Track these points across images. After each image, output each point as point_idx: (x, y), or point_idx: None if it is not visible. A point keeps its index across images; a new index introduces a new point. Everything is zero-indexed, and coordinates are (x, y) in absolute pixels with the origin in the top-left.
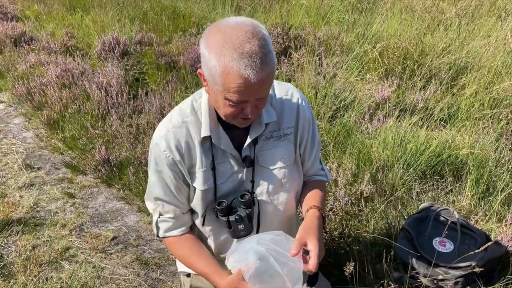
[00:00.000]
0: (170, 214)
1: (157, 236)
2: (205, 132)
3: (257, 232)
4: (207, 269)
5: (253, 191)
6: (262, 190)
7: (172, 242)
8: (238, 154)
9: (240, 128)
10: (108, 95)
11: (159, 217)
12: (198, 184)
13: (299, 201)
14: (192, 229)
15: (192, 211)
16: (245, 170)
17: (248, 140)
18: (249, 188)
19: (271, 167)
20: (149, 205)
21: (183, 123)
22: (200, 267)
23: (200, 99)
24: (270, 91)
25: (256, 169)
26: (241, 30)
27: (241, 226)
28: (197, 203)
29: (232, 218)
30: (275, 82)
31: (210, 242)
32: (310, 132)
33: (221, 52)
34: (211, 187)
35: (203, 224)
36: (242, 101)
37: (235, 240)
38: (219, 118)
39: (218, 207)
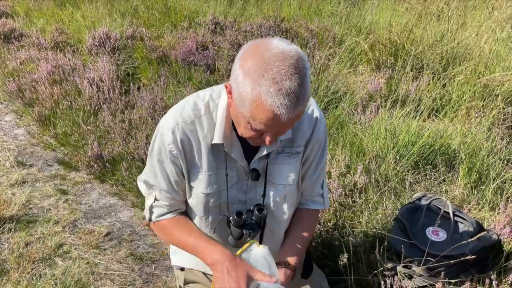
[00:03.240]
0: (165, 201)
1: (149, 220)
2: (217, 139)
3: (260, 243)
4: (200, 242)
5: (264, 204)
6: (268, 204)
7: (163, 225)
8: (247, 165)
9: None
10: (99, 90)
11: (154, 202)
12: (201, 186)
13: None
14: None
15: (187, 204)
16: (249, 181)
17: (261, 154)
18: (254, 199)
19: (278, 183)
20: (142, 187)
21: (194, 121)
22: (191, 242)
23: (219, 100)
24: None
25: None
26: (284, 63)
27: (249, 238)
28: (197, 205)
29: (246, 231)
30: None
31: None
32: (318, 154)
33: (258, 81)
34: (216, 191)
35: (214, 231)
36: (266, 131)
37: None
38: (233, 124)
39: (237, 218)
